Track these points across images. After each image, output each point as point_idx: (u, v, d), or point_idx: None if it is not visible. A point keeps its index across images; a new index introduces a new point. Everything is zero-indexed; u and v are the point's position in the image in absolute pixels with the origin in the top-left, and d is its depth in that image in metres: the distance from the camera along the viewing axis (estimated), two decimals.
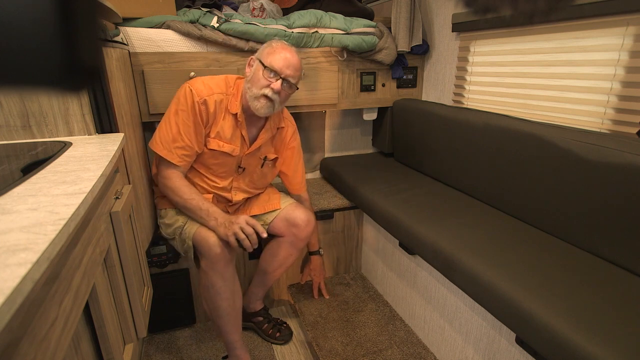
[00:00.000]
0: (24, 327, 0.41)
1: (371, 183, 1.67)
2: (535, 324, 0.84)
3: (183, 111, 1.26)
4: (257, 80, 1.27)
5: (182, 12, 1.60)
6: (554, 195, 1.14)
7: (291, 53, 1.28)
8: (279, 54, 1.26)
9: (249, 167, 1.43)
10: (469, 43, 1.64)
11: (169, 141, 1.27)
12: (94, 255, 0.69)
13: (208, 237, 1.24)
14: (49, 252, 0.42)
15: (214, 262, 1.23)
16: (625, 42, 1.09)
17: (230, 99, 1.32)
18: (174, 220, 1.36)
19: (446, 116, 1.56)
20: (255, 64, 1.30)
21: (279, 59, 1.26)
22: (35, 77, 0.24)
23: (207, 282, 1.27)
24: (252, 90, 1.28)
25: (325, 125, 2.14)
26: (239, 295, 1.35)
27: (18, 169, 0.73)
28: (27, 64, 0.23)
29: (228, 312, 1.31)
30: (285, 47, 1.29)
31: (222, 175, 1.40)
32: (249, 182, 1.47)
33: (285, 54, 1.27)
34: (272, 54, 1.27)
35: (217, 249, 1.22)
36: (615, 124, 1.15)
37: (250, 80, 1.29)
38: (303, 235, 1.48)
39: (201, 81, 1.30)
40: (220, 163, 1.36)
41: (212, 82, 1.31)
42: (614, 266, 1.00)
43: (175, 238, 1.36)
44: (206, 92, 1.27)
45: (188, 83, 1.29)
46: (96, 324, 0.72)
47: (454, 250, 1.11)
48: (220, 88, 1.31)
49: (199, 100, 1.26)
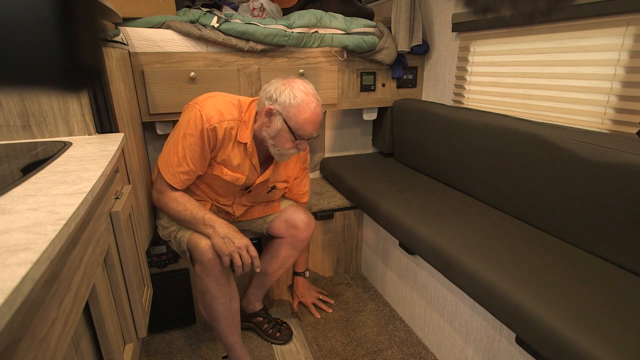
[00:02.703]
0: (24, 328, 0.41)
1: (371, 183, 1.67)
2: (535, 324, 0.84)
3: (191, 136, 1.20)
4: (284, 142, 1.21)
5: (182, 12, 1.60)
6: (554, 195, 1.14)
7: (316, 103, 1.19)
8: (306, 115, 1.17)
9: (256, 190, 1.40)
10: (469, 43, 1.64)
11: (173, 164, 1.23)
12: (94, 255, 0.69)
13: (201, 243, 1.21)
14: (49, 252, 0.42)
15: (209, 268, 1.22)
16: (625, 42, 1.09)
17: (241, 126, 1.25)
18: (169, 223, 1.35)
19: (446, 116, 1.56)
20: (277, 121, 1.19)
21: (308, 125, 1.18)
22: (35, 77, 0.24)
23: (202, 287, 1.26)
24: (277, 148, 1.23)
25: (325, 125, 2.14)
26: (235, 298, 1.34)
27: (18, 169, 0.73)
28: (28, 64, 0.23)
29: (225, 315, 1.30)
30: (309, 100, 1.18)
31: (224, 195, 1.38)
32: (252, 200, 1.45)
33: (310, 112, 1.17)
34: (298, 116, 1.17)
35: (210, 254, 1.20)
36: (615, 124, 1.15)
37: (274, 137, 1.21)
38: (303, 237, 1.48)
39: (213, 105, 1.21)
40: (222, 186, 1.33)
41: (225, 107, 1.23)
42: (614, 266, 1.00)
43: (171, 240, 1.36)
44: (217, 119, 1.20)
45: (199, 105, 1.21)
46: (96, 324, 0.72)
47: (454, 250, 1.11)
48: (231, 114, 1.23)
49: (209, 127, 1.19)
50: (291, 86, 1.19)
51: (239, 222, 1.51)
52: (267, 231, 1.52)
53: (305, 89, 1.19)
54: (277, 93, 1.19)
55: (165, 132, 1.64)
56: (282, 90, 1.19)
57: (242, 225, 1.51)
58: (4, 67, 0.23)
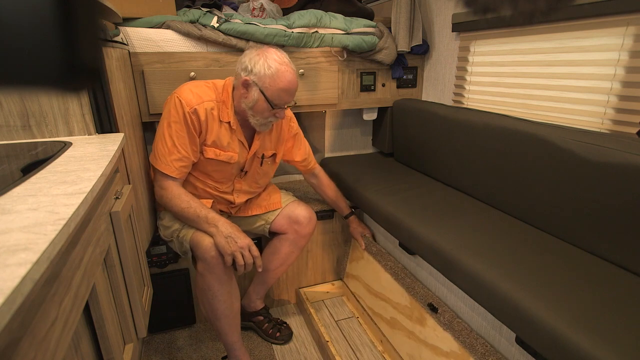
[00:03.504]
0: (24, 327, 0.41)
1: (371, 183, 1.67)
2: (535, 324, 0.84)
3: (175, 123, 1.23)
4: (261, 111, 1.24)
5: (182, 12, 1.60)
6: (554, 195, 1.14)
7: (290, 73, 1.22)
8: (281, 84, 1.20)
9: (251, 169, 1.42)
10: (469, 43, 1.64)
11: (165, 154, 1.24)
12: (94, 255, 0.69)
13: (204, 241, 1.22)
14: (49, 252, 0.42)
15: (211, 266, 1.22)
16: (625, 42, 1.09)
17: (221, 106, 1.28)
18: (171, 223, 1.35)
19: (446, 116, 1.56)
20: (254, 92, 1.22)
21: (283, 92, 1.21)
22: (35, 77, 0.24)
23: (203, 285, 1.26)
24: (256, 118, 1.26)
25: (325, 125, 2.14)
26: (236, 297, 1.34)
27: (18, 169, 0.73)
28: (28, 64, 0.23)
29: (226, 314, 1.30)
30: (284, 69, 1.20)
31: (222, 181, 1.39)
32: (251, 182, 1.46)
33: (286, 82, 1.21)
34: (274, 85, 1.20)
35: (213, 252, 1.21)
36: (615, 124, 1.15)
37: (252, 108, 1.25)
38: (305, 232, 1.49)
39: (189, 89, 1.25)
40: (218, 170, 1.35)
41: (200, 90, 1.26)
42: (614, 266, 1.00)
43: (173, 240, 1.36)
44: (196, 101, 1.23)
45: (176, 93, 1.25)
46: (96, 324, 0.72)
47: (454, 250, 1.11)
48: (208, 95, 1.27)
49: (190, 111, 1.22)
50: (265, 56, 1.21)
51: (241, 221, 1.51)
52: (269, 229, 1.52)
53: (279, 58, 1.21)
54: (251, 64, 1.21)
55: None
56: (256, 60, 1.21)
57: (244, 225, 1.51)
58: (4, 67, 0.23)
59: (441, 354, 1.25)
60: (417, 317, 1.38)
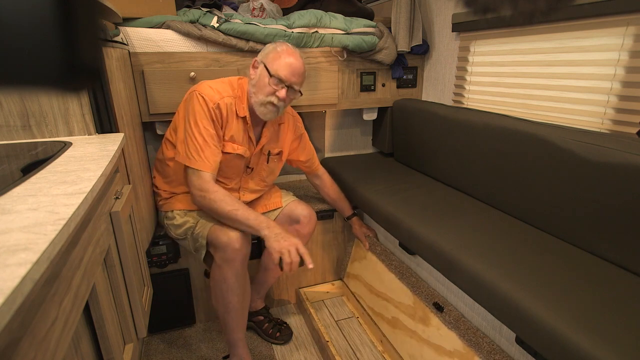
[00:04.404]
0: (24, 327, 0.41)
1: (371, 183, 1.67)
2: (535, 324, 0.84)
3: (202, 119, 1.25)
4: (262, 87, 1.27)
5: (182, 12, 1.60)
6: (554, 195, 1.14)
7: (296, 58, 1.27)
8: (284, 60, 1.25)
9: (257, 165, 1.44)
10: (469, 43, 1.64)
11: (198, 151, 1.25)
12: (94, 255, 0.69)
13: (228, 232, 1.24)
14: (49, 252, 0.42)
15: (231, 257, 1.24)
16: (625, 42, 1.09)
17: (237, 102, 1.32)
18: (183, 220, 1.36)
19: (446, 116, 1.56)
20: (260, 69, 1.29)
21: (284, 67, 1.25)
22: (35, 77, 0.24)
23: (220, 277, 1.27)
24: (257, 96, 1.28)
25: (325, 125, 2.14)
26: (248, 293, 1.36)
27: (18, 169, 0.73)
28: (28, 64, 0.23)
29: (237, 307, 1.31)
30: (290, 52, 1.28)
31: (230, 177, 1.40)
32: (258, 180, 1.47)
33: (290, 60, 1.26)
34: (277, 60, 1.26)
35: (237, 244, 1.23)
36: (615, 124, 1.15)
37: (255, 85, 1.29)
38: (305, 231, 1.49)
39: (208, 86, 1.29)
40: (229, 165, 1.36)
41: (219, 85, 1.31)
42: (614, 266, 1.00)
43: (186, 238, 1.36)
44: (217, 97, 1.27)
45: (196, 90, 1.27)
46: (96, 324, 0.72)
47: (454, 250, 1.11)
48: (227, 91, 1.31)
49: (213, 106, 1.26)
50: (276, 44, 1.32)
51: None
52: None
53: (288, 48, 1.29)
54: (264, 52, 1.32)
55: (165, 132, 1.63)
56: (268, 48, 1.32)
57: None
58: (4, 67, 0.23)
59: (444, 353, 1.25)
60: (420, 316, 1.38)
